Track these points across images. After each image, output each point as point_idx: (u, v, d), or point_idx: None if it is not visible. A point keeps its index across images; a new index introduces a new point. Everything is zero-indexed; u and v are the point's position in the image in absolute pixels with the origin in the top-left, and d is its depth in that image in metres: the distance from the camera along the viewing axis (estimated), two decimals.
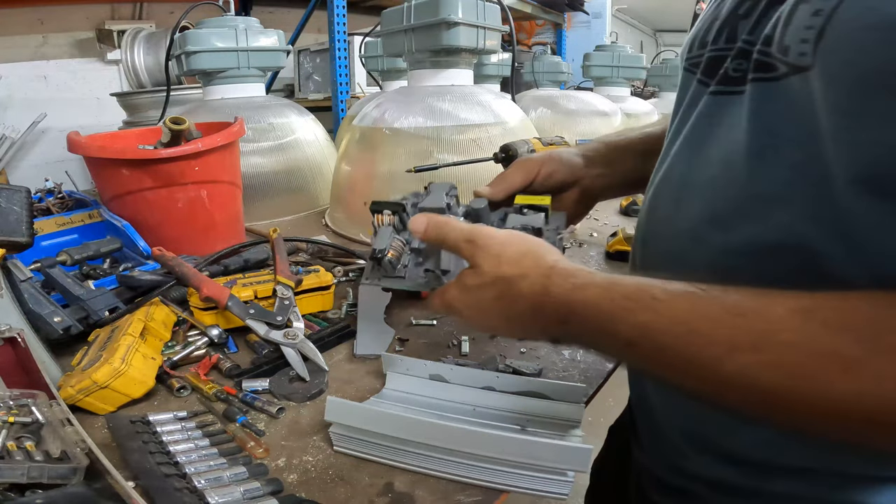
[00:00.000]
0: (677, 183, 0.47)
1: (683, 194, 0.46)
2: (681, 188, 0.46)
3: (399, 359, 0.62)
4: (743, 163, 0.40)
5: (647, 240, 0.51)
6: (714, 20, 0.46)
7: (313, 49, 2.50)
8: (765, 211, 0.39)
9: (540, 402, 0.58)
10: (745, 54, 0.40)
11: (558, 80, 2.26)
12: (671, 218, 0.47)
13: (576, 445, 0.46)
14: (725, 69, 0.42)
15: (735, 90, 0.41)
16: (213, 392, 0.60)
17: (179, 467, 0.47)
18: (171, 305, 0.74)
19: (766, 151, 0.38)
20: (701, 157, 0.44)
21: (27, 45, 2.14)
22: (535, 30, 3.52)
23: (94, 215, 1.06)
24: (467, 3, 1.10)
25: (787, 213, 0.37)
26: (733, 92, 0.41)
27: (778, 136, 0.37)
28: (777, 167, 0.38)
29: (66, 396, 0.54)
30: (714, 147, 0.43)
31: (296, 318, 0.71)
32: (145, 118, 1.88)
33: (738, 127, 0.40)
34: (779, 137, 0.37)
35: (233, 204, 1.10)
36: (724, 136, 0.42)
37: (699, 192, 0.44)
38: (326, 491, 0.47)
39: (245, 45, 1.34)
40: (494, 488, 0.48)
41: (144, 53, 2.07)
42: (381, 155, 1.19)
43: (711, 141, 0.44)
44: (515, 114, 1.27)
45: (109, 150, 0.95)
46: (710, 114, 0.44)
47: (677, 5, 4.18)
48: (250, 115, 1.33)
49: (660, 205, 0.49)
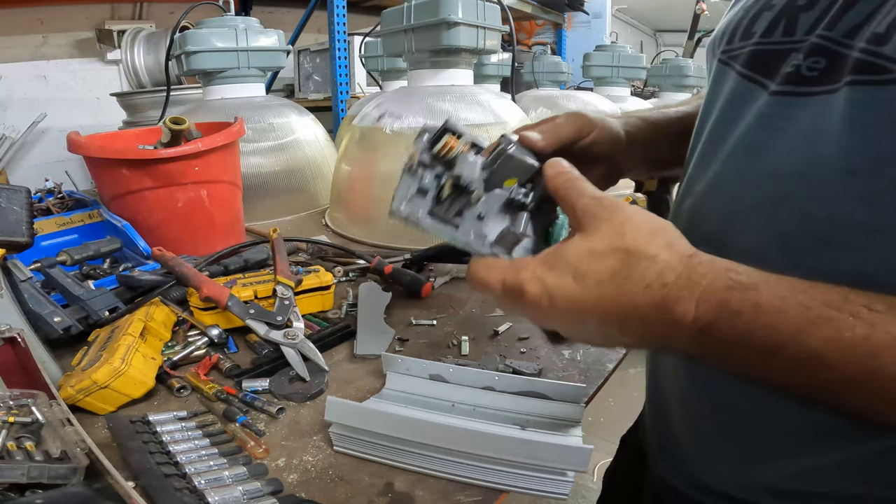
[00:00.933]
0: (730, 196, 0.41)
1: (739, 208, 0.40)
2: (735, 202, 0.41)
3: (399, 359, 0.62)
4: (832, 179, 0.34)
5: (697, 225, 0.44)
6: (764, 9, 0.41)
7: (313, 49, 2.51)
8: (856, 238, 0.34)
9: (540, 402, 0.58)
10: (826, 52, 0.35)
11: (558, 80, 2.26)
12: (722, 235, 0.41)
13: (576, 445, 0.46)
14: (797, 67, 0.37)
15: (812, 91, 0.36)
16: (213, 392, 0.60)
17: (179, 467, 0.47)
18: (171, 305, 0.74)
19: (868, 169, 0.33)
20: (762, 167, 0.39)
21: (27, 45, 2.14)
22: (535, 30, 3.52)
23: (94, 215, 1.06)
24: (467, 3, 1.10)
25: (887, 244, 0.32)
26: (809, 93, 0.36)
27: (886, 156, 0.32)
28: (884, 189, 0.32)
29: (66, 396, 0.54)
30: (783, 157, 0.37)
31: (296, 318, 0.71)
32: (145, 118, 1.88)
33: (822, 136, 0.35)
34: (888, 157, 0.32)
35: (233, 204, 1.10)
36: (798, 146, 0.36)
37: (763, 209, 0.38)
38: (326, 491, 0.47)
39: (245, 45, 1.34)
40: (494, 488, 0.48)
41: (144, 53, 2.07)
42: (381, 155, 1.19)
43: (778, 149, 0.38)
44: (515, 114, 1.27)
45: (109, 150, 0.95)
46: (772, 116, 0.38)
47: (677, 5, 4.18)
48: (250, 115, 1.33)
49: (705, 218, 0.43)
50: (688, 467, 0.50)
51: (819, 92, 0.35)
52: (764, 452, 0.43)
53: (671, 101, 2.47)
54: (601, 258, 0.35)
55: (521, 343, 0.72)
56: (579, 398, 0.58)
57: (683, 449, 0.50)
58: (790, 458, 0.41)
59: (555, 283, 0.35)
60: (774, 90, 0.38)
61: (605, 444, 0.85)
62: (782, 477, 0.42)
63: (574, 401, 0.58)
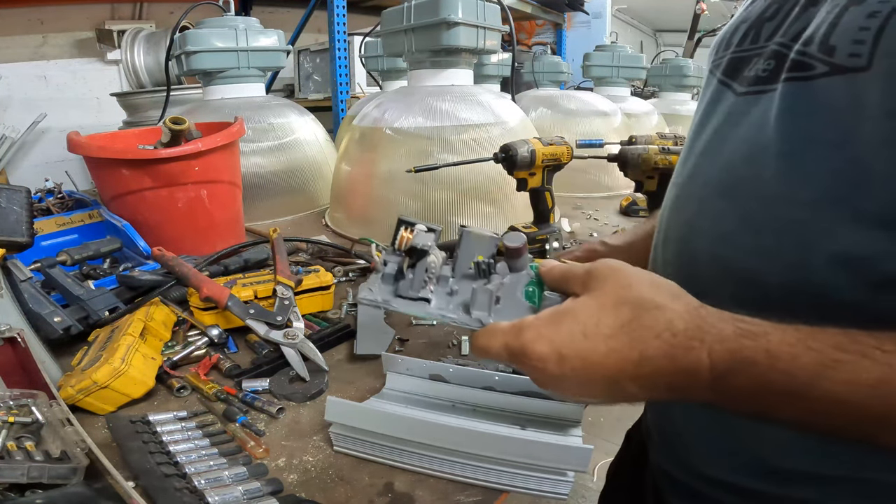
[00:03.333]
0: (702, 184, 0.45)
1: (708, 194, 0.44)
2: (704, 188, 0.45)
3: (399, 359, 0.62)
4: (773, 164, 0.38)
5: (668, 240, 0.49)
6: (742, 22, 0.46)
7: (313, 49, 2.50)
8: (802, 214, 0.37)
9: (540, 401, 0.58)
10: (778, 55, 0.39)
11: (558, 80, 2.25)
12: (696, 219, 0.45)
13: (576, 445, 0.46)
14: (756, 70, 0.41)
15: (764, 89, 0.40)
16: (213, 392, 0.60)
17: (179, 467, 0.47)
18: (171, 305, 0.74)
19: (798, 153, 0.37)
20: (725, 156, 0.43)
21: (27, 45, 2.14)
22: (535, 30, 3.52)
23: (94, 215, 1.06)
24: (467, 3, 1.10)
25: (823, 218, 0.35)
26: (762, 91, 0.40)
27: (813, 139, 0.36)
28: (813, 170, 0.36)
29: (66, 396, 0.54)
30: (738, 146, 0.42)
31: (296, 318, 0.71)
32: (145, 118, 1.88)
33: (764, 126, 0.39)
34: (814, 140, 0.36)
35: (233, 204, 1.10)
36: (749, 136, 0.41)
37: (726, 193, 0.42)
38: (326, 491, 0.47)
39: (245, 45, 1.34)
40: (494, 488, 0.48)
41: (144, 53, 2.07)
42: (381, 155, 1.20)
43: (735, 140, 0.42)
44: (515, 114, 1.27)
45: (109, 150, 0.95)
46: (734, 113, 0.43)
47: (677, 5, 4.18)
48: (250, 115, 1.33)
49: (684, 206, 0.47)
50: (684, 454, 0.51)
51: (768, 90, 0.40)
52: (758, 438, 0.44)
53: (672, 101, 2.47)
54: (610, 312, 0.35)
55: None
56: None
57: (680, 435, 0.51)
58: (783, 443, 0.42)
59: (563, 341, 0.35)
60: (739, 91, 0.43)
61: (605, 444, 0.85)
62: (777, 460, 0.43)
63: (574, 401, 0.58)
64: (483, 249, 0.46)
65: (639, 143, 1.19)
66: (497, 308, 0.43)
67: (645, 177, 1.05)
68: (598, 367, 0.34)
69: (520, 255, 0.45)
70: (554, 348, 0.35)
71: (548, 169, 1.01)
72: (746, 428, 0.44)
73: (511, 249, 0.45)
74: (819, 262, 0.36)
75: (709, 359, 0.32)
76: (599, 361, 0.34)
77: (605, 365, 0.34)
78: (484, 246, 0.46)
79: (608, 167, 1.17)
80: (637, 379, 0.34)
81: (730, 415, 0.37)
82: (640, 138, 1.25)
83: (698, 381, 0.33)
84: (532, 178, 1.01)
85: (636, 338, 0.34)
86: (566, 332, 0.35)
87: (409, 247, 0.46)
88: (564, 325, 0.36)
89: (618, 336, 0.34)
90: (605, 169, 1.63)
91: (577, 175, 1.64)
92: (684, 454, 0.51)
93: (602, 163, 1.17)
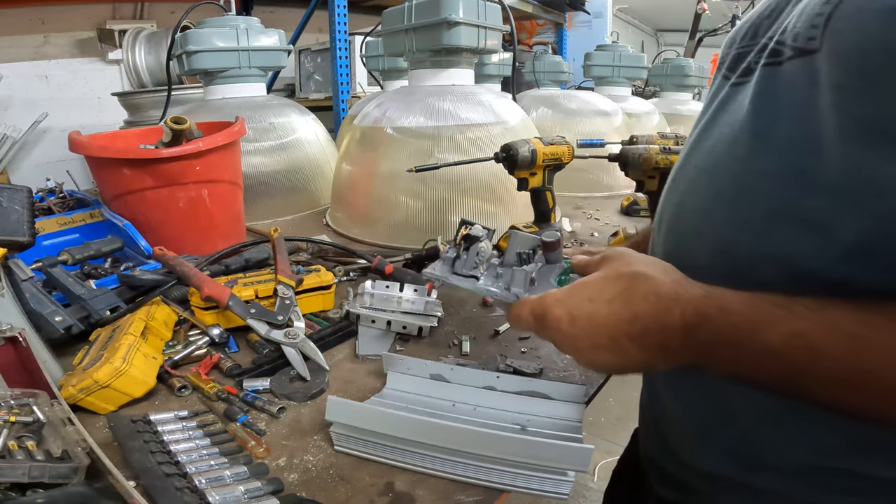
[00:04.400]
0: (692, 167, 0.49)
1: (695, 175, 0.48)
2: (693, 170, 0.49)
3: (400, 358, 0.62)
4: (746, 141, 0.42)
5: (661, 221, 0.53)
6: (747, 22, 0.49)
7: (314, 49, 2.50)
8: (765, 184, 0.40)
9: (541, 401, 0.58)
10: (764, 48, 0.43)
11: (559, 80, 2.25)
12: (684, 199, 0.49)
13: (576, 445, 0.46)
14: (748, 63, 0.45)
15: (748, 79, 0.44)
16: (214, 391, 0.60)
17: (180, 467, 0.47)
18: (172, 305, 0.74)
19: (766, 130, 0.41)
20: (711, 140, 0.47)
21: (28, 44, 2.14)
22: (536, 29, 3.52)
23: (96, 215, 1.06)
24: (468, 3, 1.10)
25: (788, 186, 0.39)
26: (747, 81, 0.45)
27: (778, 116, 0.40)
28: (777, 143, 0.39)
29: (67, 396, 0.54)
30: (722, 129, 0.46)
31: (297, 317, 0.71)
32: (146, 118, 1.88)
33: (742, 109, 0.43)
34: (779, 117, 0.40)
35: (234, 203, 1.10)
36: (731, 119, 0.45)
37: (708, 172, 0.46)
38: (327, 490, 0.47)
39: (246, 45, 1.34)
40: (495, 488, 0.48)
41: (145, 53, 2.07)
42: (382, 154, 1.20)
43: (721, 124, 0.46)
44: (516, 113, 1.27)
45: (111, 150, 0.95)
46: (725, 101, 0.47)
47: (678, 5, 4.17)
48: (251, 115, 1.33)
49: (676, 188, 0.51)
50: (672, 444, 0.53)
51: (751, 78, 0.44)
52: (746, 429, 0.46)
53: (673, 100, 2.47)
54: (612, 282, 0.43)
55: (521, 343, 0.72)
56: (580, 398, 0.58)
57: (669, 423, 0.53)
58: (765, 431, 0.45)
59: (574, 305, 0.43)
60: (733, 82, 0.47)
61: (605, 444, 0.85)
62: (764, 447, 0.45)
63: (575, 400, 0.58)
64: (526, 245, 0.58)
65: (640, 142, 1.19)
66: (532, 288, 0.54)
67: (646, 176, 1.05)
68: (601, 326, 0.41)
69: (554, 249, 0.56)
70: (567, 310, 0.43)
71: (549, 168, 1.01)
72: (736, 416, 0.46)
73: (547, 243, 0.55)
74: (784, 231, 0.39)
75: (681, 317, 0.39)
76: (602, 322, 0.41)
77: (606, 325, 0.41)
78: (527, 243, 0.58)
79: (609, 167, 1.17)
80: (631, 337, 0.41)
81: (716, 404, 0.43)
82: (641, 138, 1.25)
83: (675, 336, 0.39)
84: (533, 177, 1.01)
85: (629, 300, 0.41)
86: (577, 298, 0.43)
87: (465, 235, 0.63)
88: (576, 293, 0.44)
89: (616, 300, 0.41)
90: (605, 169, 1.63)
91: (578, 175, 1.64)
92: (668, 441, 0.53)
93: (603, 162, 1.17)
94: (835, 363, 0.34)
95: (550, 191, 1.03)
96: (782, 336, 0.35)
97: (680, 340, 0.39)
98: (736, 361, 0.38)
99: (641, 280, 0.41)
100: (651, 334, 0.40)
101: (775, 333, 0.35)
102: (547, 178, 1.02)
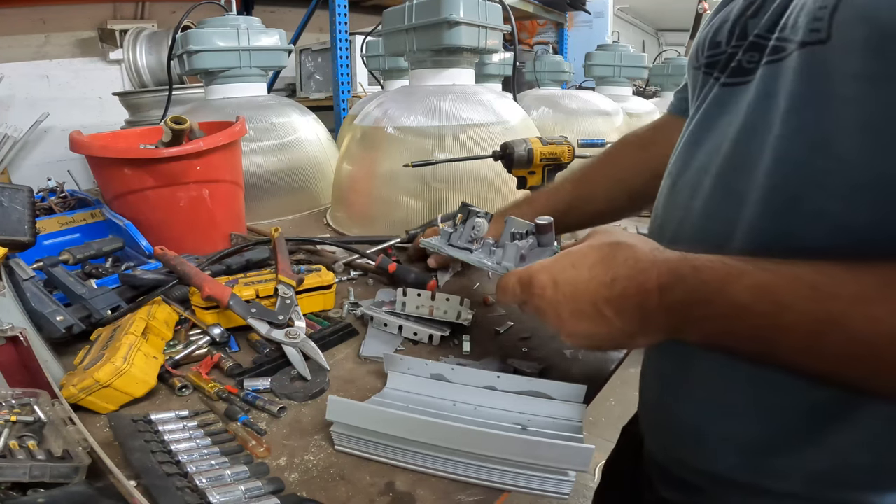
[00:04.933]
0: (695, 169, 0.49)
1: (700, 178, 0.48)
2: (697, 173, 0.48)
3: (400, 358, 0.62)
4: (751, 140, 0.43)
5: (664, 226, 0.52)
6: (723, 23, 0.49)
7: (315, 48, 2.51)
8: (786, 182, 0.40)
9: (541, 401, 0.58)
10: (758, 46, 0.43)
11: (560, 80, 2.25)
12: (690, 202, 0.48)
13: (577, 445, 0.46)
14: (739, 62, 0.45)
15: (746, 80, 0.44)
16: (215, 391, 0.60)
17: (181, 466, 0.47)
18: (172, 304, 0.74)
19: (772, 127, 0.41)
20: (713, 141, 0.47)
21: (29, 44, 2.15)
22: (537, 29, 3.52)
23: (97, 214, 1.06)
24: (469, 3, 1.10)
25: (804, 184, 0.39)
26: (744, 81, 0.44)
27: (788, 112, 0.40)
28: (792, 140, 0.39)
29: (68, 395, 0.54)
30: (722, 129, 0.46)
31: (297, 317, 0.71)
32: (147, 117, 1.89)
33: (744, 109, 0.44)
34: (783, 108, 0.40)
35: (234, 203, 1.10)
36: (735, 120, 0.45)
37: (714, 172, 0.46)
38: (327, 490, 0.47)
39: (247, 45, 1.34)
40: (496, 488, 0.48)
41: (146, 53, 2.07)
42: (383, 154, 1.20)
43: (721, 126, 0.46)
44: (517, 113, 1.27)
45: (111, 150, 0.95)
46: (720, 103, 0.47)
47: (679, 5, 4.17)
48: (252, 115, 1.33)
49: (680, 192, 0.51)
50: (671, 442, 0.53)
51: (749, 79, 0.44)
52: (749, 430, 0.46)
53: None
54: (594, 250, 0.45)
55: (522, 343, 0.72)
56: (580, 398, 0.58)
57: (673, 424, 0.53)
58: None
59: (557, 271, 0.46)
60: (723, 82, 0.47)
61: (606, 444, 0.85)
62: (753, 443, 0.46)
63: (575, 400, 0.58)
64: (520, 227, 0.64)
65: None
66: (521, 263, 0.58)
67: None
68: (582, 291, 0.44)
69: (546, 231, 0.60)
70: (551, 276, 0.46)
71: (548, 168, 1.01)
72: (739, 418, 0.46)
73: (540, 225, 0.60)
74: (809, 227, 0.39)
75: (657, 278, 0.40)
76: (584, 287, 0.44)
77: (587, 290, 0.43)
78: (522, 225, 0.64)
79: None
80: (610, 301, 0.42)
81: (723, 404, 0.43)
82: None
83: (652, 298, 0.40)
84: (532, 176, 1.01)
85: (609, 265, 0.43)
86: (560, 265, 0.46)
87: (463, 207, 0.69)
88: (561, 260, 0.47)
89: (597, 265, 0.44)
90: None
91: None
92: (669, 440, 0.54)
93: None
94: (798, 315, 0.35)
95: None
96: (748, 289, 0.36)
97: (656, 301, 0.40)
98: (708, 322, 0.39)
99: (622, 248, 0.44)
100: (629, 297, 0.41)
101: (742, 286, 0.37)
102: (547, 178, 1.02)
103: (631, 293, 0.41)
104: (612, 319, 0.42)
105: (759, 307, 0.36)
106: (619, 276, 0.42)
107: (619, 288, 0.42)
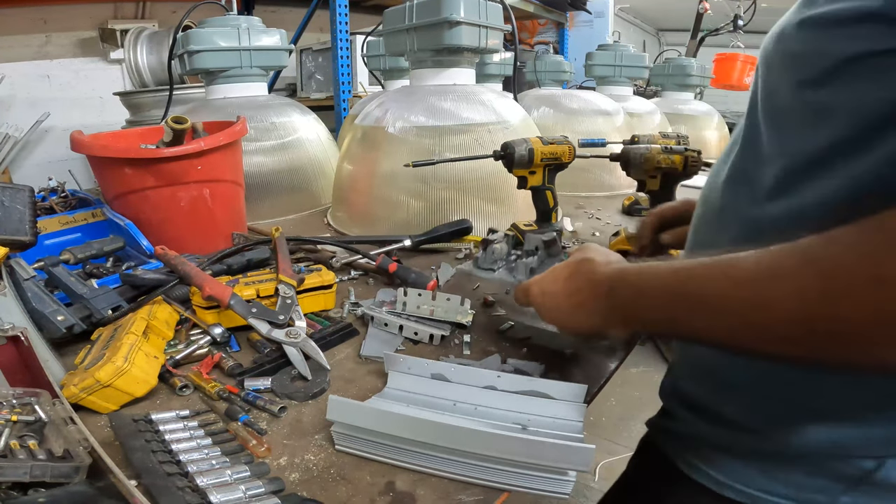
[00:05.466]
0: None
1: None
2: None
3: (401, 358, 0.62)
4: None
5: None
6: None
7: (315, 48, 2.51)
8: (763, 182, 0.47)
9: (542, 401, 0.58)
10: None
11: (560, 80, 2.24)
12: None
13: (578, 445, 0.46)
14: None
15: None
16: (216, 391, 0.60)
17: (182, 466, 0.47)
18: (173, 304, 0.74)
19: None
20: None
21: (30, 44, 2.15)
22: (538, 29, 3.52)
23: (98, 214, 1.06)
24: (469, 3, 1.10)
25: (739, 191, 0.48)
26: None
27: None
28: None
29: (68, 395, 0.54)
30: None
31: (298, 316, 0.71)
32: (148, 117, 1.89)
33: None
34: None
35: (235, 203, 1.10)
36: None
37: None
38: (328, 490, 0.47)
39: (247, 45, 1.34)
40: (496, 487, 0.48)
41: (147, 53, 2.07)
42: (383, 154, 1.20)
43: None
44: (517, 113, 1.27)
45: (112, 150, 0.95)
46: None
47: (680, 4, 4.16)
48: (253, 115, 1.33)
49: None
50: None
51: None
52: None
53: (674, 100, 2.46)
54: (567, 267, 0.58)
55: (522, 342, 0.72)
56: (581, 398, 0.58)
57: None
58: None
59: (542, 282, 0.61)
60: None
61: (606, 444, 0.85)
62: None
63: (576, 400, 0.58)
64: (535, 243, 0.91)
65: (641, 142, 1.19)
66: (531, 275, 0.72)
67: (647, 176, 1.04)
68: (559, 295, 0.57)
69: (552, 246, 0.88)
70: (540, 288, 0.61)
71: (548, 168, 1.01)
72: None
73: (546, 242, 0.89)
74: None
75: (608, 284, 0.50)
76: (561, 296, 0.56)
77: (563, 298, 0.56)
78: (534, 241, 0.91)
79: (611, 166, 1.17)
80: (577, 305, 0.54)
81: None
82: (642, 138, 1.25)
83: (603, 301, 0.50)
84: (532, 176, 1.01)
85: (575, 278, 0.55)
86: (547, 279, 0.60)
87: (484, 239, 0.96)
88: (548, 275, 0.61)
89: (568, 279, 0.56)
90: (607, 168, 1.63)
91: (579, 174, 1.64)
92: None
93: (604, 162, 1.17)
94: (715, 292, 0.40)
95: (551, 190, 1.03)
96: (673, 272, 0.43)
97: (608, 303, 0.50)
98: (653, 311, 0.46)
99: (586, 263, 0.54)
100: (588, 302, 0.53)
101: (669, 269, 0.44)
102: (547, 178, 1.02)
103: (590, 299, 0.52)
104: (581, 317, 0.54)
105: (685, 289, 0.42)
106: (582, 287, 0.54)
107: (581, 296, 0.54)
